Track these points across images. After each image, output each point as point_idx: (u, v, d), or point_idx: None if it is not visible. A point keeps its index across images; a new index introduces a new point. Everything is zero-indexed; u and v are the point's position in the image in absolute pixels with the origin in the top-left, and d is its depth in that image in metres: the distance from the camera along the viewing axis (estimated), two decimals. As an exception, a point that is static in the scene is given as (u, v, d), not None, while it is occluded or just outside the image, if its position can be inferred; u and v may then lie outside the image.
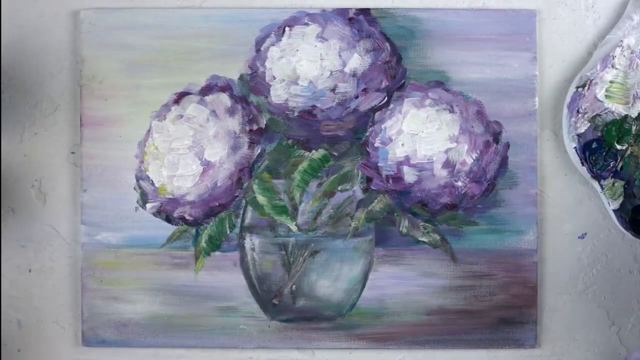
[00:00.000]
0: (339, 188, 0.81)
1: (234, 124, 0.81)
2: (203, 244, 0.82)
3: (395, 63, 0.82)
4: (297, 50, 0.81)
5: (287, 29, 0.82)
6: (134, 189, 0.82)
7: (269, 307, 0.82)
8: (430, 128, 0.80)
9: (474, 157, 0.81)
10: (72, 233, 0.84)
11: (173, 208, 0.82)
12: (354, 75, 0.81)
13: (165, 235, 0.82)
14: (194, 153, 0.81)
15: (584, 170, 0.81)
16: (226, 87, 0.82)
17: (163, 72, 0.83)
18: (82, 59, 0.83)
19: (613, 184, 0.80)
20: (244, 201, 0.82)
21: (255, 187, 0.81)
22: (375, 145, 0.81)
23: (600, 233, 0.83)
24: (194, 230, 0.82)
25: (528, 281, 0.82)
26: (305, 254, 0.82)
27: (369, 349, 0.83)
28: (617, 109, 0.81)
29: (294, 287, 0.82)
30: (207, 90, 0.82)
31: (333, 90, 0.81)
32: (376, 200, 0.81)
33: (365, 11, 0.82)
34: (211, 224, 0.82)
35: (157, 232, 0.82)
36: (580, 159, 0.81)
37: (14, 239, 0.84)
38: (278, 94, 0.81)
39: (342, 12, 0.82)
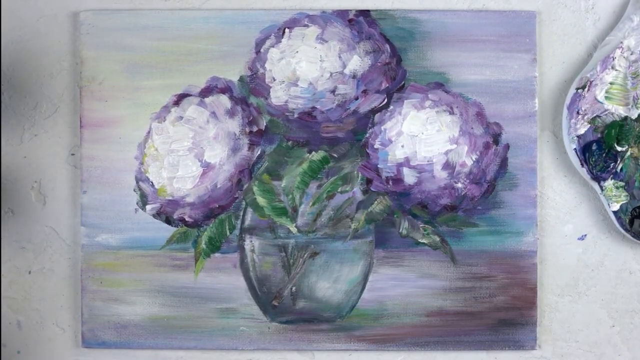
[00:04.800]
0: (339, 190, 0.81)
1: (233, 125, 0.81)
2: (203, 245, 0.82)
3: (395, 64, 0.82)
4: (297, 51, 0.81)
5: (287, 30, 0.82)
6: (134, 190, 0.82)
7: (269, 308, 0.82)
8: (430, 129, 0.80)
9: (474, 159, 0.81)
10: (71, 234, 0.84)
11: (173, 209, 0.82)
12: (353, 76, 0.81)
13: (165, 237, 0.82)
14: (193, 155, 0.81)
15: (583, 171, 0.81)
16: (226, 89, 0.82)
17: (163, 73, 0.82)
18: (81, 60, 0.83)
19: (614, 186, 0.80)
20: (243, 203, 0.82)
21: (255, 188, 0.81)
22: (375, 146, 0.81)
23: (601, 234, 0.83)
24: (193, 232, 0.82)
25: (528, 282, 0.82)
26: (305, 255, 0.82)
27: (368, 351, 0.83)
28: (617, 110, 0.81)
29: (293, 288, 0.82)
30: (206, 91, 0.82)
31: (333, 91, 0.81)
32: (376, 202, 0.81)
33: (365, 13, 0.82)
34: (211, 225, 0.82)
35: (157, 234, 0.82)
36: (580, 160, 0.80)
37: (14, 240, 0.84)
38: (278, 96, 0.81)
39: (342, 14, 0.82)
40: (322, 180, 0.82)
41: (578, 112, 0.81)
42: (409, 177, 0.80)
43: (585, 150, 0.81)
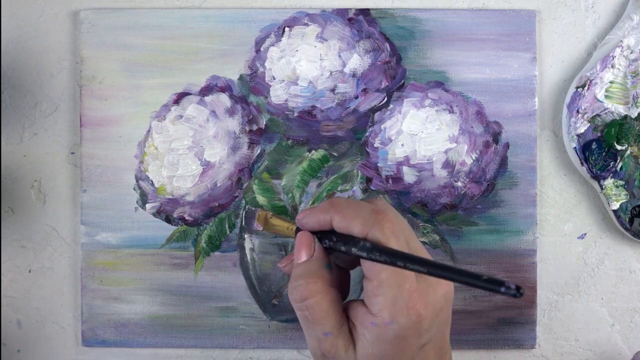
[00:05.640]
0: (339, 189, 0.81)
1: (233, 124, 0.81)
2: (203, 244, 0.82)
3: (395, 63, 0.82)
4: (297, 50, 0.81)
5: (286, 29, 0.82)
6: (134, 189, 0.82)
7: (269, 307, 0.82)
8: (429, 128, 0.80)
9: (474, 158, 0.81)
10: (71, 233, 0.84)
11: (173, 208, 0.82)
12: (353, 75, 0.81)
13: (164, 236, 0.82)
14: (193, 153, 0.81)
15: (583, 170, 0.81)
16: (226, 88, 0.82)
17: (163, 72, 0.83)
18: (81, 59, 0.83)
19: (614, 185, 0.80)
20: (243, 201, 0.82)
21: (254, 187, 0.81)
22: (375, 145, 0.81)
23: (600, 233, 0.83)
24: (193, 231, 0.82)
25: (528, 281, 0.82)
26: (305, 254, 0.81)
27: (368, 350, 0.83)
28: (617, 109, 0.81)
29: (293, 287, 0.82)
30: (206, 90, 0.82)
31: (333, 90, 0.81)
32: (376, 201, 0.81)
33: (365, 11, 0.82)
34: (211, 224, 0.82)
35: (157, 233, 0.82)
36: (580, 159, 0.81)
37: (14, 239, 0.84)
38: (278, 95, 0.81)
39: (341, 13, 0.82)
40: (322, 179, 0.82)
41: (578, 111, 0.81)
42: (409, 175, 0.80)
43: (585, 149, 0.81)
